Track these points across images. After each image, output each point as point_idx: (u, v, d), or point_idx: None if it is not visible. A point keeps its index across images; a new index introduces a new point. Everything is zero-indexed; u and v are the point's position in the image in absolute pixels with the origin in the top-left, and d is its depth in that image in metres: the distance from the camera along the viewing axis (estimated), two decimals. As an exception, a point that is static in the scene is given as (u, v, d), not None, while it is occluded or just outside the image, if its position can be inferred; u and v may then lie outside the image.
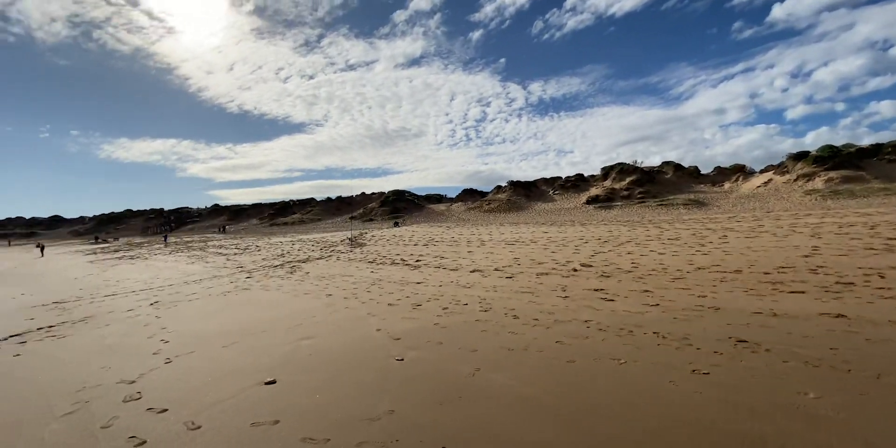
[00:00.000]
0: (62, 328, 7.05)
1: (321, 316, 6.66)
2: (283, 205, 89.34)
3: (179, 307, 8.18)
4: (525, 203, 58.44)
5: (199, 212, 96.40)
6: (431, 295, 7.71)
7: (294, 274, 11.90)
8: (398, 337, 5.22)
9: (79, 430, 3.26)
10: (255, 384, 3.98)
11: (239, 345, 5.36)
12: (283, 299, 8.30)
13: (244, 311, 7.42)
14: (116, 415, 3.48)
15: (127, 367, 4.78)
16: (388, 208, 69.14)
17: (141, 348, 5.49)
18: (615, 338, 4.76)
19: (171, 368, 4.62)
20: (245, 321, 6.62)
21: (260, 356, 4.83)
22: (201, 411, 3.45)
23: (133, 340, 5.92)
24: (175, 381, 4.19)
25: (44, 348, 5.88)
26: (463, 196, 76.45)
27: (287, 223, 70.59)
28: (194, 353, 5.13)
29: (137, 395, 3.89)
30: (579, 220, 29.92)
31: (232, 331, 6.07)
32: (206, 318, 7.04)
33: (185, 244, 33.04)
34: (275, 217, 79.15)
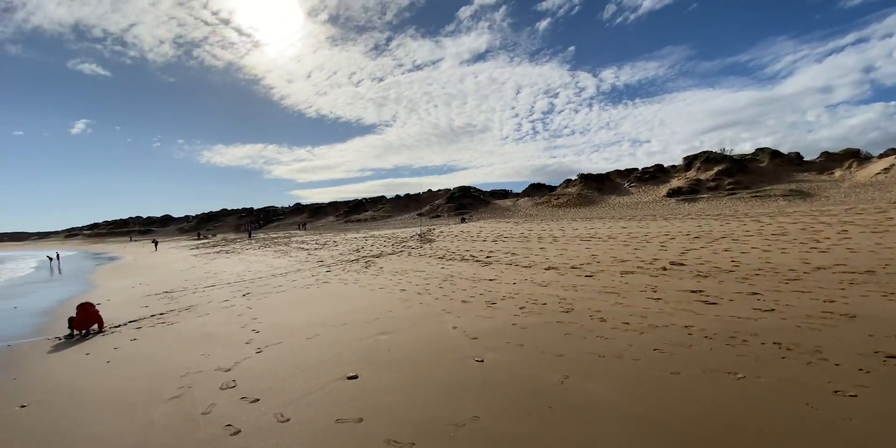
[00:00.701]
0: (170, 316, 7.83)
1: (397, 311, 6.68)
2: (357, 203, 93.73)
3: (268, 299, 8.73)
4: (597, 197, 55.59)
5: (283, 210, 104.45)
6: (506, 293, 7.42)
7: (369, 268, 12.25)
8: (475, 336, 5.03)
9: (182, 414, 3.48)
10: (339, 378, 4.00)
11: (321, 337, 5.51)
12: (360, 293, 8.51)
13: (325, 304, 7.70)
14: (214, 402, 3.67)
15: (223, 355, 5.11)
16: (454, 204, 69.56)
17: (235, 337, 5.87)
18: (726, 347, 4.14)
19: (261, 358, 4.84)
20: (326, 314, 6.85)
21: (341, 350, 4.90)
22: (289, 403, 3.52)
23: (228, 329, 6.37)
24: (265, 372, 4.37)
25: (155, 334, 6.54)
26: (529, 191, 74.65)
27: (360, 220, 73.97)
28: (281, 343, 5.36)
29: (233, 383, 4.10)
30: (661, 215, 27.68)
31: (314, 323, 6.29)
32: (291, 310, 7.40)
33: (271, 240, 35.87)
34: (349, 214, 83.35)
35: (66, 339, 6.59)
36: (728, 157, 48.43)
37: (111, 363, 5.13)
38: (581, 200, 54.68)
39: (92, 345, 6.16)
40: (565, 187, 63.76)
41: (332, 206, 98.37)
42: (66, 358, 5.59)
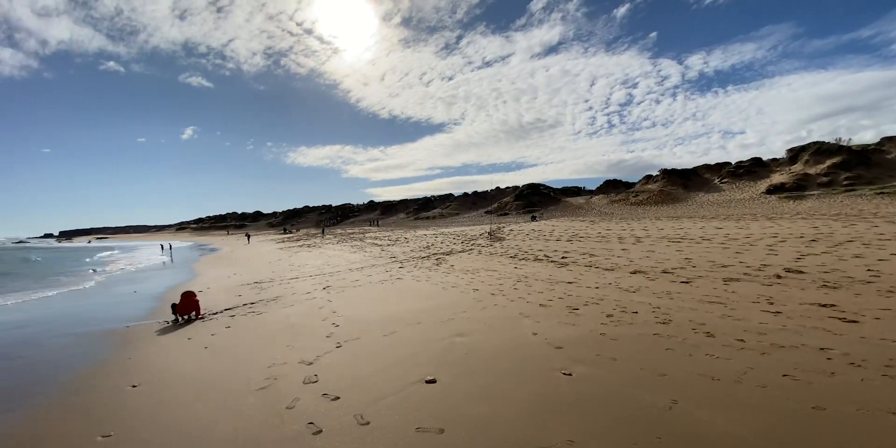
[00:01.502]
0: (259, 305, 8.36)
1: (471, 312, 6.46)
2: (426, 200, 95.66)
3: (346, 293, 9.00)
4: (682, 194, 51.16)
5: (357, 207, 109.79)
6: (589, 298, 6.87)
7: (440, 266, 12.21)
8: (559, 345, 4.63)
9: (268, 407, 3.55)
10: (417, 381, 3.86)
11: (398, 335, 5.46)
12: (433, 291, 8.43)
13: (399, 301, 7.72)
14: (298, 397, 3.71)
15: (306, 347, 5.25)
16: (523, 202, 68.06)
17: (317, 330, 6.04)
18: (883, 379, 3.34)
19: (341, 353, 4.89)
20: (401, 311, 6.83)
21: (417, 350, 4.79)
22: (369, 405, 3.44)
23: (311, 321, 6.59)
24: (345, 368, 4.37)
25: (246, 322, 6.97)
26: (605, 188, 70.72)
27: (429, 217, 75.33)
28: (360, 339, 5.39)
29: (315, 377, 4.14)
30: (762, 214, 24.57)
31: (390, 319, 6.28)
32: (368, 305, 7.52)
33: (347, 235, 37.72)
34: (418, 211, 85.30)
35: (172, 324, 7.28)
36: (845, 148, 41.90)
37: (208, 349, 5.51)
38: (663, 198, 50.71)
39: (193, 330, 6.71)
40: (645, 184, 59.54)
41: (403, 203, 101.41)
42: (171, 341, 6.12)
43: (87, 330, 7.15)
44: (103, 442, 3.13)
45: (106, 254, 36.17)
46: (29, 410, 3.86)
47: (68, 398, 4.11)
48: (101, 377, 4.67)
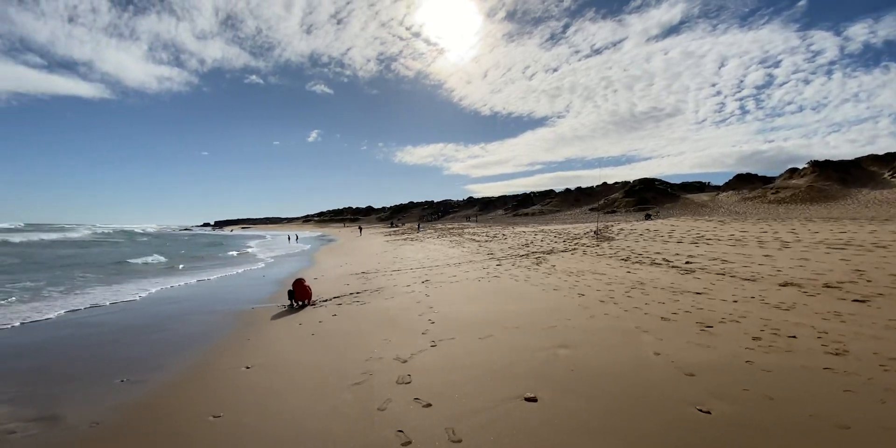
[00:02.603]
0: (363, 296, 8.70)
1: (576, 320, 5.82)
2: (525, 197, 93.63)
3: (443, 288, 8.94)
4: (838, 190, 42.25)
5: (457, 203, 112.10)
6: (725, 313, 5.74)
7: (540, 266, 11.55)
8: (690, 371, 3.83)
9: (360, 406, 3.47)
10: (515, 397, 3.47)
11: (494, 339, 5.11)
12: (533, 293, 7.91)
13: (496, 301, 7.37)
14: (390, 398, 3.58)
15: (402, 343, 5.19)
16: (634, 199, 62.51)
17: (413, 325, 5.98)
18: None
19: (435, 354, 4.70)
20: (498, 312, 6.47)
21: (515, 359, 4.38)
22: (462, 418, 3.15)
23: (408, 316, 6.59)
24: (438, 371, 4.16)
25: (351, 312, 7.25)
26: (735, 183, 61.68)
27: (528, 214, 73.56)
28: (455, 340, 5.17)
29: (408, 378, 4.00)
30: (972, 217, 18.82)
31: (487, 321, 5.96)
32: (464, 303, 7.31)
33: (447, 230, 38.55)
34: (517, 208, 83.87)
35: (288, 308, 7.92)
36: None
37: (315, 336, 5.79)
38: (813, 195, 42.51)
39: (304, 316, 7.19)
40: (788, 178, 50.60)
41: (501, 199, 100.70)
42: (284, 326, 6.61)
43: (221, 308, 8.14)
44: (213, 422, 3.33)
45: (254, 242, 42.09)
46: (158, 381, 4.37)
47: (191, 373, 4.57)
48: (222, 355, 5.16)
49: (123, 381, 4.33)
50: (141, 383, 4.28)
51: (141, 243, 36.46)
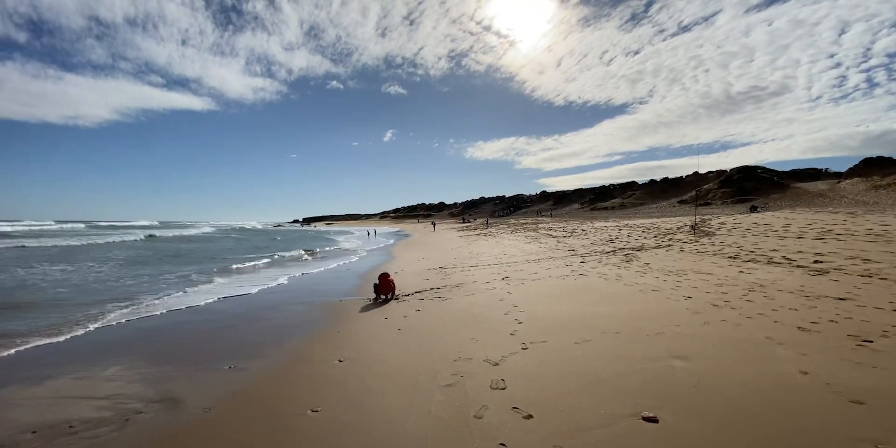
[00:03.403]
0: (444, 291, 8.60)
1: (687, 326, 5.12)
2: (603, 189, 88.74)
3: (525, 286, 8.53)
4: None
5: (530, 198, 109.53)
6: (886, 325, 4.67)
7: (631, 263, 10.61)
8: (856, 398, 3.08)
9: (455, 411, 3.26)
10: (630, 415, 3.03)
11: (592, 345, 4.65)
12: (628, 294, 7.20)
13: (587, 301, 6.81)
14: (486, 404, 3.33)
15: (490, 343, 4.93)
16: (732, 189, 56.20)
17: (499, 324, 5.70)
18: None
19: (528, 357, 4.37)
20: (591, 314, 5.95)
21: (623, 369, 3.90)
22: (570, 436, 2.80)
23: (493, 314, 6.32)
24: (535, 377, 3.83)
25: (433, 308, 7.16)
26: (863, 168, 52.83)
27: (607, 208, 69.52)
28: (547, 343, 4.78)
29: (502, 383, 3.72)
30: None
31: (581, 323, 5.48)
32: (551, 302, 6.86)
33: (520, 226, 37.68)
34: (594, 202, 79.64)
35: (373, 302, 8.06)
36: None
37: (401, 332, 5.74)
38: (981, 181, 34.89)
39: (389, 310, 7.24)
40: (942, 161, 42.05)
41: (577, 193, 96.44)
42: (371, 319, 6.68)
43: (313, 300, 8.52)
44: (312, 417, 3.33)
45: (340, 237, 44.80)
46: (260, 369, 4.55)
47: (290, 363, 4.71)
48: (316, 346, 5.30)
49: (230, 368, 4.59)
50: (245, 371, 4.50)
51: (259, 238, 40.20)
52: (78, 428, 3.26)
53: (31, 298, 8.59)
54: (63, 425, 3.29)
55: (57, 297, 8.78)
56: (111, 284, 10.52)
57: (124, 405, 3.66)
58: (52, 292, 9.31)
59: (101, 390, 4.02)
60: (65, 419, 3.40)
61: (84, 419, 3.41)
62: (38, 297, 8.78)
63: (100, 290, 9.60)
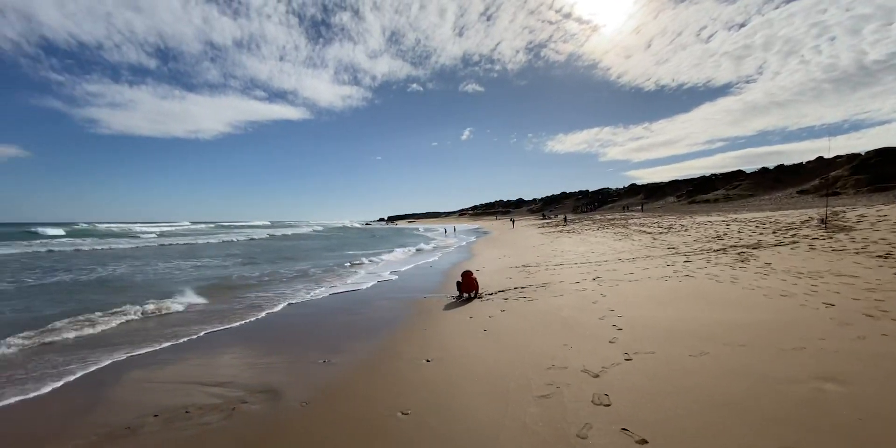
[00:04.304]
0: (529, 291, 8.22)
1: (835, 340, 4.20)
2: (703, 180, 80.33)
3: (621, 287, 7.82)
4: None
5: (616, 192, 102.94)
6: None
7: (748, 263, 9.24)
8: None
9: (554, 426, 2.95)
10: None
11: (712, 358, 4.01)
12: (749, 299, 6.21)
13: (697, 306, 5.99)
14: (589, 422, 2.97)
15: (586, 350, 4.50)
16: (867, 176, 47.30)
17: (595, 330, 5.21)
18: None
19: (633, 370, 3.89)
20: (706, 321, 5.19)
21: (759, 391, 3.26)
22: (700, 471, 2.35)
23: (585, 318, 5.83)
24: (644, 394, 3.36)
25: (519, 308, 6.84)
26: None
27: (708, 200, 62.66)
28: (655, 354, 4.23)
29: (606, 398, 3.32)
30: None
31: (694, 332, 4.80)
32: (654, 307, 6.16)
33: (608, 221, 35.40)
34: (693, 194, 72.32)
35: (456, 300, 7.96)
36: None
37: (487, 333, 5.53)
38: None
39: (473, 309, 7.07)
40: None
41: (672, 185, 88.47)
42: (456, 318, 6.56)
43: (400, 296, 8.69)
44: (402, 419, 3.25)
45: (423, 234, 46.21)
46: (352, 365, 4.62)
47: (380, 360, 4.73)
48: (404, 344, 5.29)
49: (325, 362, 4.75)
50: (338, 366, 4.62)
51: (361, 235, 43.09)
52: (193, 413, 3.54)
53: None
54: (180, 410, 3.61)
55: (197, 286, 10.03)
56: (246, 276, 11.80)
57: (232, 394, 3.93)
58: (196, 284, 10.66)
59: (216, 377, 4.37)
60: (182, 404, 3.73)
61: (199, 405, 3.70)
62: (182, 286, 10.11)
63: (238, 281, 10.79)
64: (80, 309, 7.52)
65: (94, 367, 4.76)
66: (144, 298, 8.24)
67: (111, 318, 6.89)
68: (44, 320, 6.64)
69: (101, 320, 6.70)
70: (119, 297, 8.82)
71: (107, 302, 8.19)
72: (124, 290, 9.90)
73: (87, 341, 5.80)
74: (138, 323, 6.82)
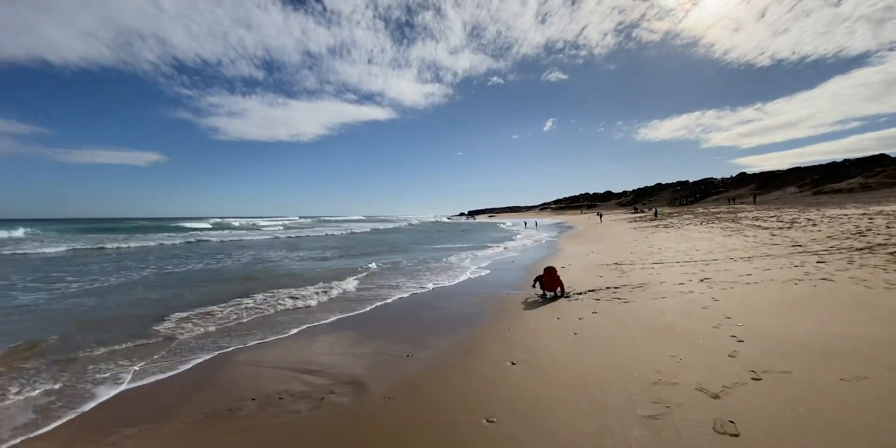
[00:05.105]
0: (624, 292, 7.50)
1: None
2: (832, 167, 68.67)
3: (736, 290, 6.78)
4: None
5: (722, 182, 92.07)
6: None
7: (910, 266, 7.47)
8: None
9: (671, 457, 2.52)
10: None
11: (872, 385, 3.19)
12: (919, 311, 4.94)
13: (843, 317, 4.91)
14: (714, 455, 2.48)
15: (699, 364, 3.89)
16: None
17: (709, 341, 4.51)
18: None
19: (763, 392, 3.24)
20: (858, 337, 4.20)
21: (951, 436, 2.49)
22: None
23: (696, 325, 5.10)
24: (783, 427, 2.75)
25: (613, 310, 6.24)
26: None
27: (840, 190, 53.21)
28: (792, 375, 3.50)
29: (731, 426, 2.77)
30: None
31: (843, 350, 3.90)
32: (783, 315, 5.19)
33: (713, 215, 31.69)
34: (820, 183, 62.02)
35: (540, 298, 7.55)
36: None
37: (578, 337, 5.09)
38: None
39: (560, 309, 6.62)
40: None
41: (792, 173, 76.92)
42: (541, 318, 6.18)
43: (480, 291, 8.51)
44: (487, 428, 3.04)
45: (507, 228, 45.85)
46: (434, 362, 4.51)
47: (463, 359, 4.56)
48: (487, 343, 5.08)
49: (408, 356, 4.72)
50: (420, 361, 4.56)
51: (451, 230, 44.34)
52: (285, 400, 3.69)
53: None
54: (275, 396, 3.78)
55: (313, 276, 10.90)
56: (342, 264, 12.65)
57: (322, 382, 4.05)
58: (312, 274, 11.62)
59: (310, 365, 4.55)
60: (277, 390, 3.91)
61: (292, 392, 3.86)
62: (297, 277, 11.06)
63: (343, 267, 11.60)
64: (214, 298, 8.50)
65: (218, 351, 5.25)
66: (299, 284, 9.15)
67: (229, 307, 7.65)
68: (202, 302, 7.65)
69: (217, 311, 7.42)
70: (253, 284, 9.85)
71: (234, 291, 9.18)
72: (261, 280, 11.04)
73: (223, 328, 6.46)
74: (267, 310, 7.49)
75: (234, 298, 8.01)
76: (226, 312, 7.04)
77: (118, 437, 3.17)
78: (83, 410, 3.65)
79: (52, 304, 7.84)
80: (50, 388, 4.05)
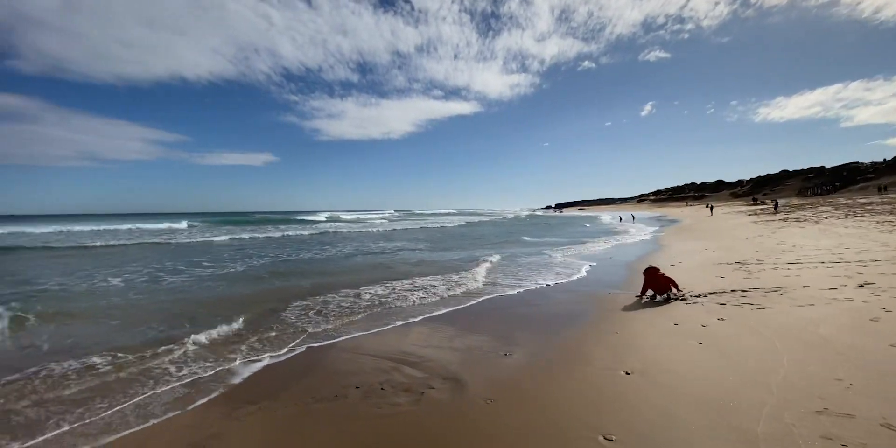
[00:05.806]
0: (755, 296, 6.43)
1: None
2: None
3: (917, 301, 5.40)
4: None
5: (872, 167, 76.47)
6: None
7: None
8: None
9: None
10: None
11: None
12: None
13: None
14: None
15: (879, 394, 3.07)
16: None
17: (889, 365, 3.58)
18: None
19: None
20: None
21: None
22: None
23: (865, 343, 4.10)
24: None
25: (744, 317, 5.34)
26: None
27: None
28: None
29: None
30: None
31: None
32: None
33: (860, 207, 26.37)
34: None
35: (650, 300, 6.79)
36: None
37: (704, 347, 4.41)
38: None
39: (676, 313, 5.87)
40: None
41: (983, 152, 60.56)
42: (654, 322, 5.51)
43: (579, 289, 7.96)
44: (604, 445, 2.69)
45: (600, 222, 43.52)
46: (534, 363, 4.21)
47: (565, 363, 4.19)
48: (593, 347, 4.63)
49: (506, 355, 4.51)
50: (519, 361, 4.31)
51: (540, 223, 43.84)
52: (387, 391, 3.70)
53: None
54: (377, 386, 3.82)
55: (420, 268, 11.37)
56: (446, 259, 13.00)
57: (424, 377, 4.00)
58: (422, 268, 12.16)
59: (413, 358, 4.54)
60: (379, 380, 3.95)
61: (394, 383, 3.87)
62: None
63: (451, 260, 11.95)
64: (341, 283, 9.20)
65: (327, 340, 5.57)
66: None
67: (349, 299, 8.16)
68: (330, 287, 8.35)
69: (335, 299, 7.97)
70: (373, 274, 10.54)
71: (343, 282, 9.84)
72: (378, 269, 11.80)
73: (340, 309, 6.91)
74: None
75: (342, 289, 8.44)
76: (337, 300, 7.46)
77: (242, 412, 3.43)
78: (218, 386, 4.04)
79: (238, 277, 9.08)
80: (193, 370, 4.55)
